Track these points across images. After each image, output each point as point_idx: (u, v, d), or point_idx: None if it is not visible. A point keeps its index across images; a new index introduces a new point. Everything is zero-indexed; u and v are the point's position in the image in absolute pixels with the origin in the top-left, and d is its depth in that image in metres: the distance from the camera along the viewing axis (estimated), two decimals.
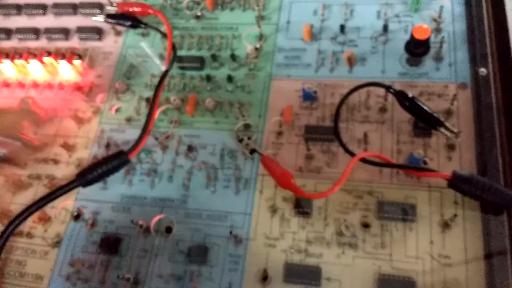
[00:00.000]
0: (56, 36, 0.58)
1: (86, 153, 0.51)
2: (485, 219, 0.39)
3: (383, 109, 0.46)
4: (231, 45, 0.53)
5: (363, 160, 0.41)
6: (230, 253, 0.42)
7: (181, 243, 0.44)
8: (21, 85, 0.56)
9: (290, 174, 0.41)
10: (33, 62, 0.55)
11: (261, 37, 0.52)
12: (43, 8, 0.61)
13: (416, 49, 0.46)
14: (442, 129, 0.41)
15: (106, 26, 0.58)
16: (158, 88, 0.46)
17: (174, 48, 0.50)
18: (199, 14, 0.56)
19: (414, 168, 0.41)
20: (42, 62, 0.55)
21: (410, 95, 0.42)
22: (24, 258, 0.47)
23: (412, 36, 0.45)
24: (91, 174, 0.40)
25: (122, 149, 0.43)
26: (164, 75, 0.48)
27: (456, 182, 0.38)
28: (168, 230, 0.44)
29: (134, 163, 0.48)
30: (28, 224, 0.48)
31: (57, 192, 0.40)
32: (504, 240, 0.37)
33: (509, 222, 0.38)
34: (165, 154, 0.48)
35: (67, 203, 0.48)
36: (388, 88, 0.43)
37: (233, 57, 0.51)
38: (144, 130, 0.43)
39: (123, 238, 0.45)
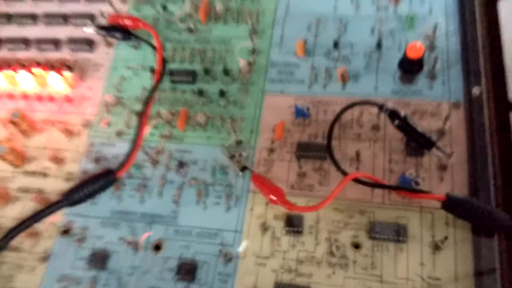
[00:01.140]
0: (46, 46, 0.57)
1: (75, 167, 0.50)
2: (475, 240, 0.39)
3: (376, 127, 0.45)
4: (224, 59, 0.53)
5: (356, 180, 0.40)
6: (219, 271, 0.42)
7: (170, 261, 0.43)
8: (10, 96, 0.55)
9: (280, 189, 0.40)
10: (22, 73, 0.54)
11: (254, 51, 0.52)
12: (34, 18, 0.60)
13: (410, 67, 0.45)
14: (434, 150, 0.41)
15: (97, 38, 0.57)
16: (146, 104, 0.45)
17: (164, 62, 0.49)
18: (192, 26, 0.55)
19: (408, 189, 0.40)
20: (31, 73, 0.54)
21: (402, 114, 0.42)
22: (11, 273, 0.46)
23: (405, 55, 0.44)
24: (78, 194, 0.40)
25: (109, 167, 0.42)
26: (153, 91, 0.47)
27: (450, 204, 0.38)
28: (157, 247, 0.44)
29: (124, 178, 0.48)
30: (16, 238, 0.47)
31: (41, 213, 0.39)
32: (494, 262, 0.37)
33: (500, 244, 0.38)
34: (155, 169, 0.48)
35: (55, 218, 0.47)
36: (380, 107, 0.42)
37: (226, 71, 0.51)
38: (132, 148, 0.42)
39: (111, 254, 0.44)
